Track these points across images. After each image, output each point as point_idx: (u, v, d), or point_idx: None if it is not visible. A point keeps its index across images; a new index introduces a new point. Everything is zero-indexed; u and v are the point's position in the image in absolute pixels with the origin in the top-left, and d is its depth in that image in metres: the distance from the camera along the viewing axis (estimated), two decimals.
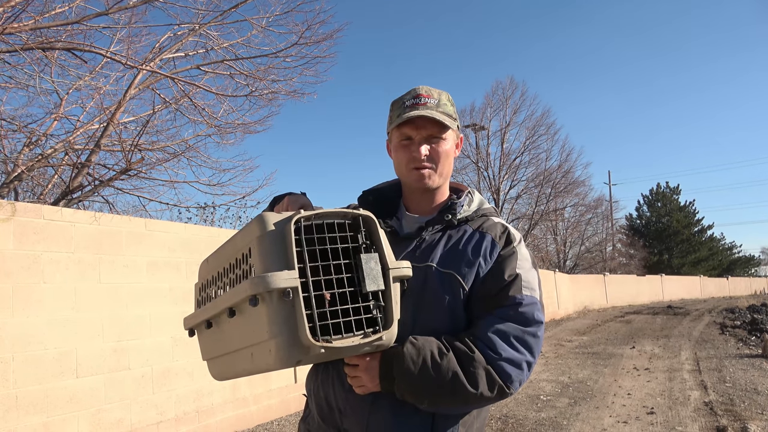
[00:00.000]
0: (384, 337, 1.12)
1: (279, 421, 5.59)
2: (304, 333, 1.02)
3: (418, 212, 1.46)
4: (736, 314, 17.83)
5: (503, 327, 1.26)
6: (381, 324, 1.13)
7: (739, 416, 5.32)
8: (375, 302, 1.13)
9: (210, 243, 5.23)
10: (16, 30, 4.64)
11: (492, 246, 1.36)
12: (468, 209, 1.44)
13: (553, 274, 18.44)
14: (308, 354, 1.04)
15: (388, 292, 1.14)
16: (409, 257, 1.35)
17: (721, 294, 37.90)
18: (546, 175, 24.84)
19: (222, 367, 1.30)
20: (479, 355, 1.23)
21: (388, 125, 1.46)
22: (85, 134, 6.45)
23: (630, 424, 5.22)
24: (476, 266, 1.33)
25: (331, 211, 1.13)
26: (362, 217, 1.17)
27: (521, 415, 5.57)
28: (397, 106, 1.41)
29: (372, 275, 1.12)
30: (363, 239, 1.16)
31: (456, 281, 1.31)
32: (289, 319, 1.03)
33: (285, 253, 1.06)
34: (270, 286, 1.01)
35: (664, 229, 45.16)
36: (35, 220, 3.78)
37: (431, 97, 1.38)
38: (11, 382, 3.53)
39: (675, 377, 7.47)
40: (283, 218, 1.09)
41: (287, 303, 1.03)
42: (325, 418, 1.36)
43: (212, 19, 6.54)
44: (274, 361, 1.05)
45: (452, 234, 1.40)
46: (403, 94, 1.42)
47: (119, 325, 4.26)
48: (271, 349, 1.04)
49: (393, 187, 1.54)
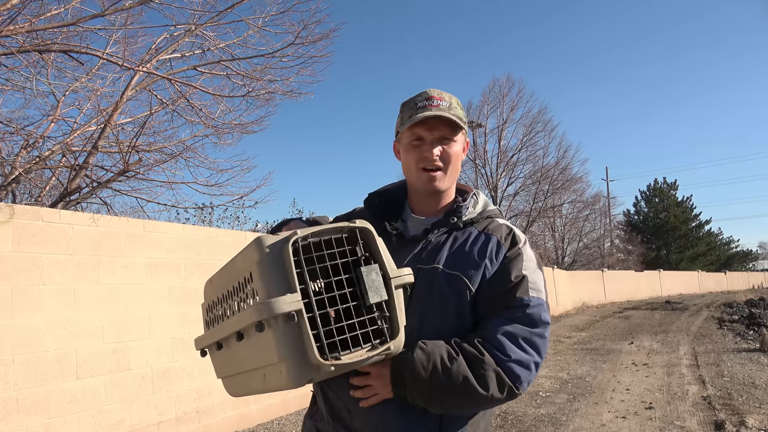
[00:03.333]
0: (392, 347, 1.13)
1: (279, 420, 5.61)
2: (312, 353, 1.03)
3: (424, 214, 1.47)
4: (734, 309, 17.88)
5: (511, 329, 1.28)
6: (387, 334, 1.14)
7: (737, 410, 5.35)
8: (380, 313, 1.14)
9: (208, 243, 5.24)
10: (12, 32, 4.64)
11: (498, 248, 1.37)
12: (473, 211, 1.45)
13: (551, 270, 18.46)
14: (319, 372, 1.06)
15: (392, 301, 1.15)
16: (415, 259, 1.37)
17: (719, 289, 37.99)
18: (543, 171, 24.85)
19: (236, 385, 1.32)
20: (489, 358, 1.24)
21: (398, 126, 1.46)
22: (83, 136, 6.44)
23: (629, 419, 5.25)
24: (482, 268, 1.34)
25: (327, 227, 1.14)
26: (359, 230, 1.17)
27: (520, 412, 5.60)
28: (409, 107, 1.41)
29: (374, 287, 1.13)
30: (362, 251, 1.16)
31: (462, 282, 1.32)
32: (297, 341, 1.04)
33: (286, 275, 1.07)
34: (274, 311, 1.02)
35: (662, 224, 45.24)
36: (34, 222, 3.79)
37: (443, 100, 1.39)
38: (12, 384, 3.54)
39: (673, 372, 7.50)
40: (279, 240, 1.10)
41: (293, 326, 1.04)
42: (335, 417, 1.37)
43: (208, 20, 6.52)
44: (286, 383, 1.07)
45: (458, 236, 1.41)
46: (414, 95, 1.43)
47: (119, 325, 4.27)
48: (282, 371, 1.06)
49: (399, 189, 1.55)
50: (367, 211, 1.52)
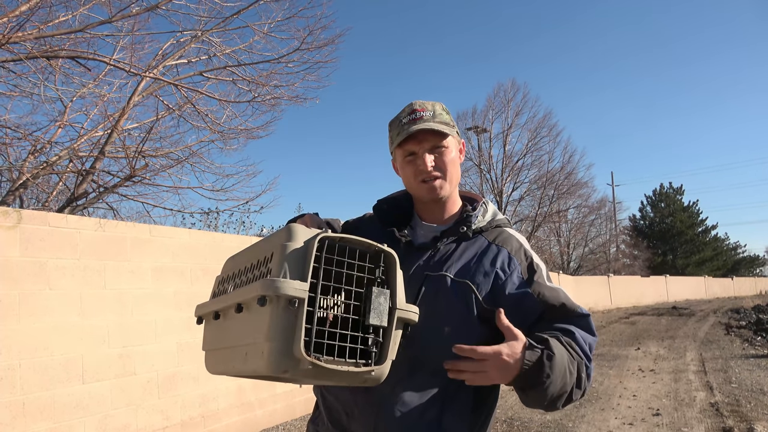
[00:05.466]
0: (374, 372, 1.13)
1: (284, 425, 5.60)
2: (297, 344, 1.04)
3: (433, 221, 1.48)
4: (742, 314, 17.78)
5: (587, 336, 1.33)
6: (374, 358, 1.14)
7: (745, 417, 5.31)
8: (374, 337, 1.14)
9: (214, 248, 5.25)
10: (20, 39, 4.69)
11: (509, 260, 1.39)
12: (482, 220, 1.46)
13: (557, 275, 18.41)
14: (297, 367, 1.06)
15: (389, 330, 1.15)
16: (423, 267, 1.38)
17: (726, 294, 37.75)
18: (549, 176, 24.78)
19: (217, 360, 1.33)
20: (584, 363, 1.30)
21: (390, 146, 1.49)
22: (90, 141, 6.49)
23: (636, 425, 5.21)
24: (492, 275, 1.36)
25: (357, 239, 1.15)
26: (384, 253, 1.19)
27: (526, 418, 5.57)
28: (395, 126, 1.44)
29: (378, 310, 1.13)
30: (380, 273, 1.17)
31: (470, 291, 1.33)
32: (288, 328, 1.05)
33: (303, 264, 1.08)
34: (279, 291, 1.03)
35: (668, 229, 45.04)
36: (41, 228, 3.81)
37: (426, 110, 1.41)
38: (18, 389, 3.55)
39: (680, 378, 7.45)
40: (311, 234, 1.12)
41: (291, 312, 1.05)
42: (333, 421, 1.38)
43: (214, 26, 6.58)
44: (264, 366, 1.07)
45: (468, 245, 1.42)
46: (399, 113, 1.45)
47: (125, 330, 4.28)
48: (264, 351, 1.06)
49: (407, 196, 1.55)
50: (376, 217, 1.53)
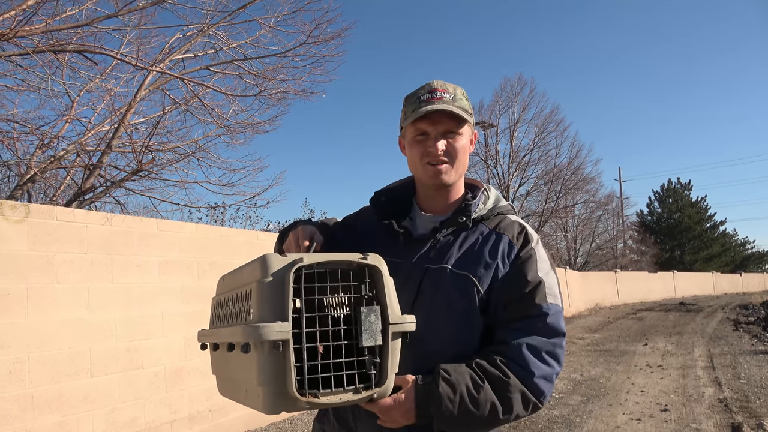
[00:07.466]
0: (376, 395, 1.11)
1: (291, 419, 5.61)
2: (291, 386, 1.02)
3: (432, 211, 1.43)
4: (750, 310, 17.67)
5: (533, 342, 1.24)
6: (374, 381, 1.11)
7: (754, 413, 5.27)
8: (371, 357, 1.11)
9: (221, 242, 5.26)
10: (27, 33, 4.68)
11: (509, 247, 1.33)
12: (483, 208, 1.40)
13: (563, 271, 18.34)
14: (295, 405, 1.05)
15: (386, 348, 1.11)
16: (423, 258, 1.34)
17: (734, 290, 37.55)
18: (556, 172, 24.65)
19: (225, 387, 1.34)
20: (514, 379, 1.21)
21: (401, 121, 1.41)
22: (97, 136, 6.50)
23: (644, 421, 5.19)
24: (493, 268, 1.30)
25: (335, 259, 1.11)
26: (368, 267, 1.14)
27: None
28: (411, 101, 1.36)
29: (370, 330, 1.09)
30: (366, 290, 1.13)
31: (471, 283, 1.29)
32: (278, 371, 1.03)
33: (282, 301, 1.05)
34: (261, 337, 1.01)
35: (675, 225, 44.80)
36: (48, 222, 3.82)
37: (447, 92, 1.34)
38: (27, 382, 3.57)
39: (689, 374, 7.41)
40: (284, 265, 1.07)
41: (278, 354, 1.02)
42: (340, 420, 1.36)
43: (221, 20, 6.55)
44: (261, 407, 1.06)
45: (468, 234, 1.36)
46: (417, 88, 1.38)
47: (132, 324, 4.29)
48: (259, 395, 1.06)
49: (406, 186, 1.50)
50: (373, 210, 1.48)
